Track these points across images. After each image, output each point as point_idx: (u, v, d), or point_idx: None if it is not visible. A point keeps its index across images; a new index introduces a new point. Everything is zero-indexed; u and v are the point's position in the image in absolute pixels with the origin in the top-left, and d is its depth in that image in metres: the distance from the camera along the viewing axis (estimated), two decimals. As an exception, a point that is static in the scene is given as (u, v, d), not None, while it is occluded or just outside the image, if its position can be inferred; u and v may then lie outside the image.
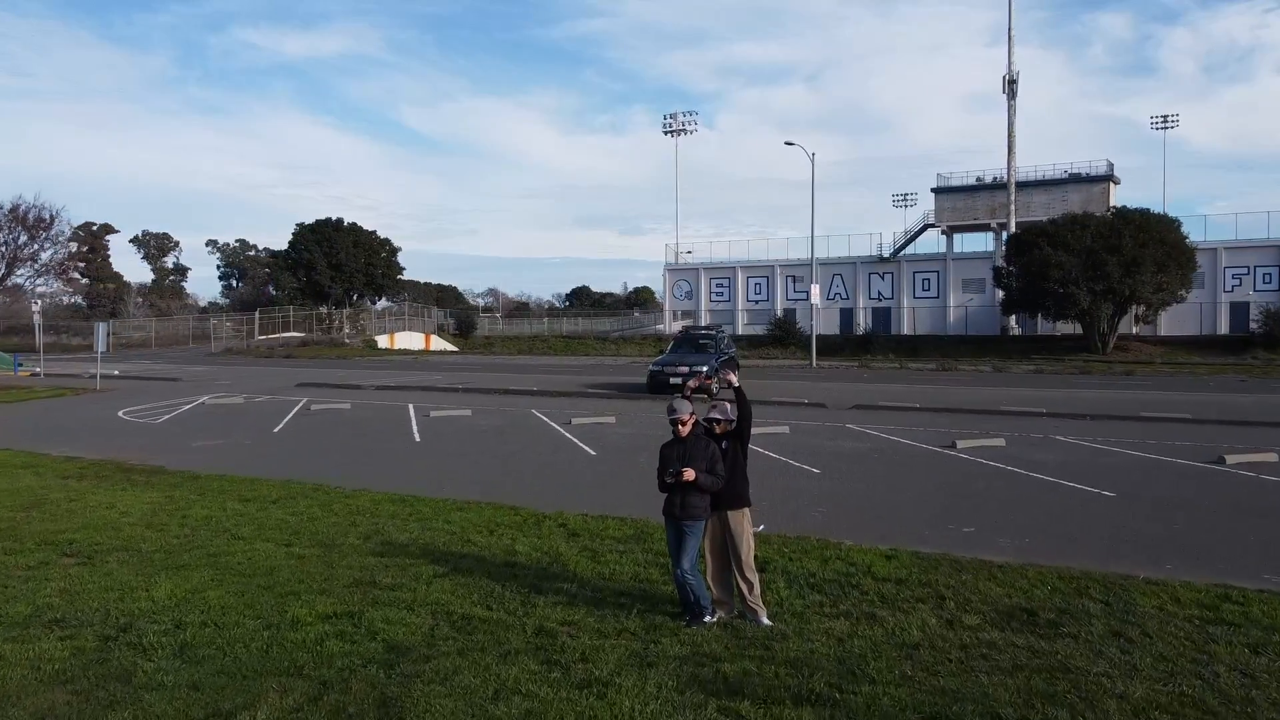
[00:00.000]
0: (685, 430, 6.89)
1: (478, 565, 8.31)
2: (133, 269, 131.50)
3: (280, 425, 19.50)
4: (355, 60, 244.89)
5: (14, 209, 32.32)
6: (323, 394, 27.03)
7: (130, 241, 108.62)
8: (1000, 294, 55.94)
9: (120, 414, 21.91)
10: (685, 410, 6.93)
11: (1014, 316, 60.29)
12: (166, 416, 21.43)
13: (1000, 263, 55.87)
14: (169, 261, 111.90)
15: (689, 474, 6.64)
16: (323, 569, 8.21)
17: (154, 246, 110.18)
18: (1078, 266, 45.96)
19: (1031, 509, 10.94)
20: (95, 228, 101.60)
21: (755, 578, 6.96)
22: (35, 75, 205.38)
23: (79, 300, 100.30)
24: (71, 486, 12.37)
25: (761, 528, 10.07)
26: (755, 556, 7.14)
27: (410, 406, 22.96)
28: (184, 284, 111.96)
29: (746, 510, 7.04)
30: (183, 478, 12.98)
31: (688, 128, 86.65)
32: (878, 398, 24.66)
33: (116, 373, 37.29)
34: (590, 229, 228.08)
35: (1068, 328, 55.62)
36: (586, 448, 16.02)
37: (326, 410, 22.38)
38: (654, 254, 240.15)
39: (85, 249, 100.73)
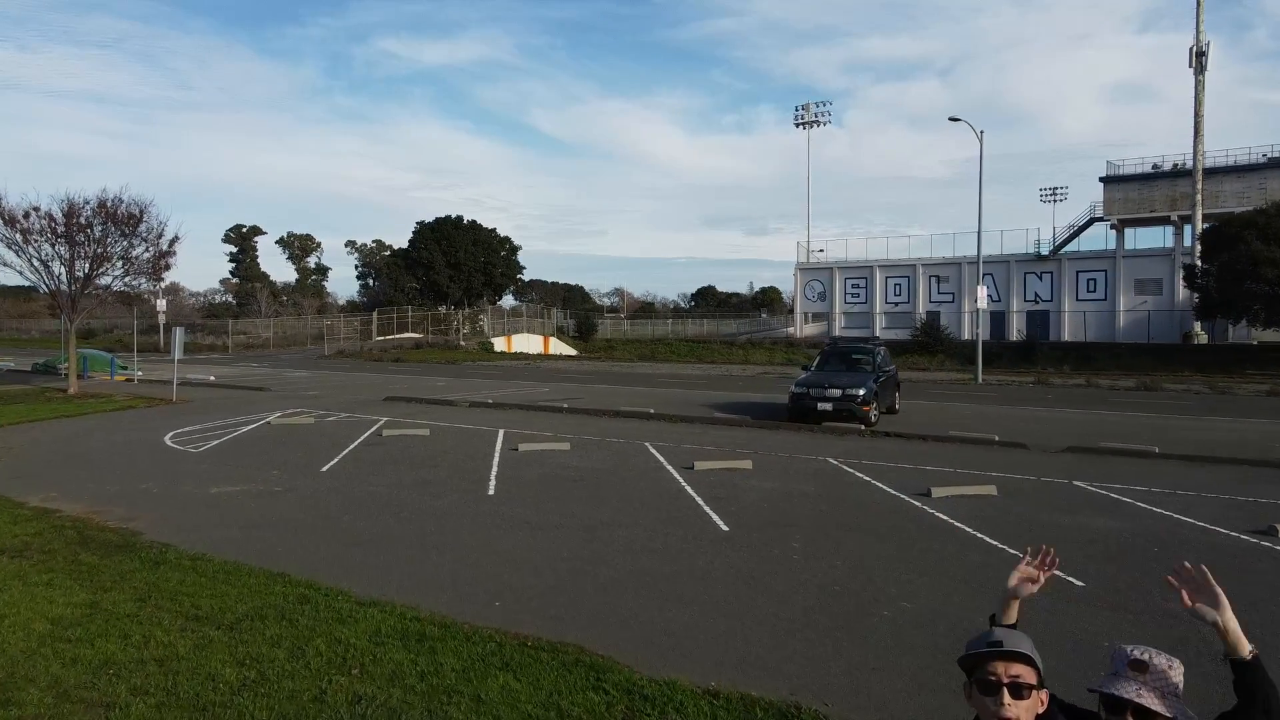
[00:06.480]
0: None
1: None
2: (278, 269, 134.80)
3: (334, 461, 15.77)
4: (489, 66, 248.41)
5: (102, 204, 30.05)
6: (407, 411, 23.46)
7: (276, 243, 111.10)
8: (1185, 295, 48.74)
9: (166, 438, 18.71)
10: (1020, 661, 2.29)
11: (1199, 323, 52.47)
12: (215, 442, 18.09)
13: (1190, 259, 48.50)
14: (311, 262, 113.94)
15: None
16: None
17: (297, 247, 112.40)
18: (1296, 264, 38.86)
19: None
20: (245, 230, 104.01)
21: None
22: (198, 89, 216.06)
23: (230, 298, 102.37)
24: (-16, 574, 8.73)
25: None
26: None
27: (499, 434, 18.99)
28: (325, 284, 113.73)
29: None
30: (143, 561, 9.18)
31: (820, 119, 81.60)
32: (1092, 433, 19.02)
33: (212, 379, 35.12)
34: (717, 229, 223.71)
35: (1269, 336, 47.84)
36: (714, 516, 11.49)
37: (399, 438, 18.61)
38: (779, 254, 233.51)
39: (235, 249, 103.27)
